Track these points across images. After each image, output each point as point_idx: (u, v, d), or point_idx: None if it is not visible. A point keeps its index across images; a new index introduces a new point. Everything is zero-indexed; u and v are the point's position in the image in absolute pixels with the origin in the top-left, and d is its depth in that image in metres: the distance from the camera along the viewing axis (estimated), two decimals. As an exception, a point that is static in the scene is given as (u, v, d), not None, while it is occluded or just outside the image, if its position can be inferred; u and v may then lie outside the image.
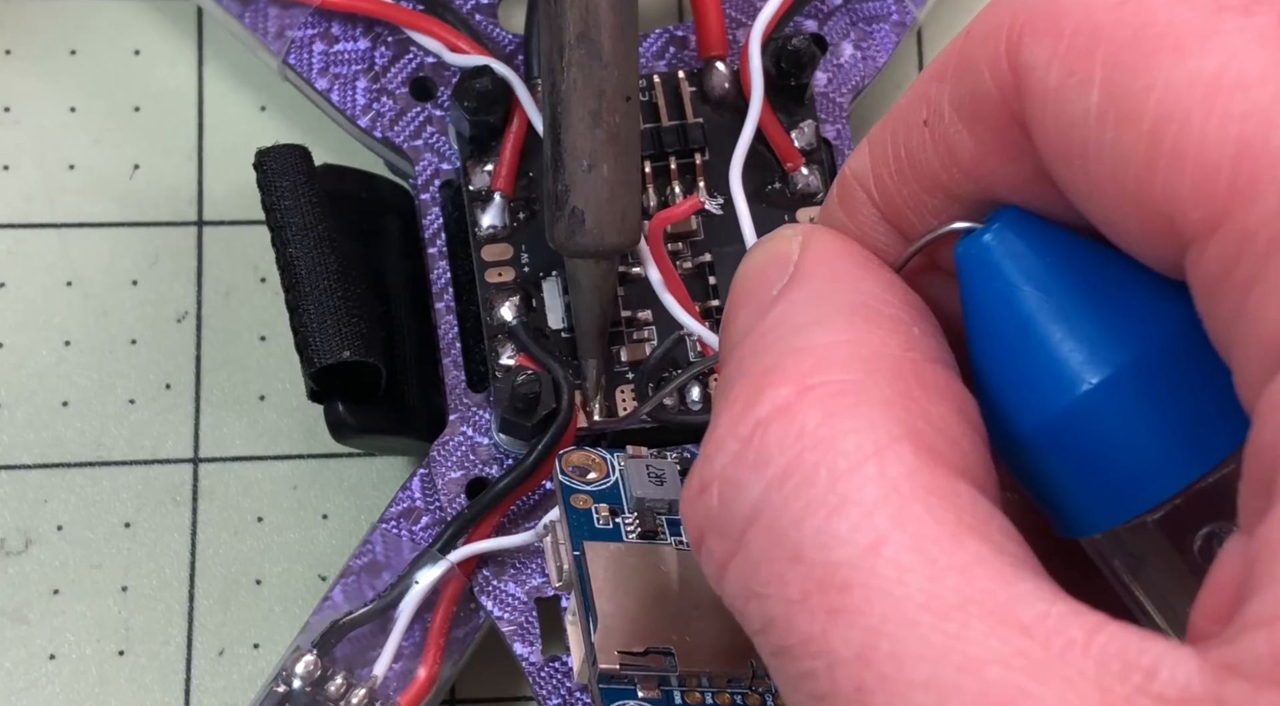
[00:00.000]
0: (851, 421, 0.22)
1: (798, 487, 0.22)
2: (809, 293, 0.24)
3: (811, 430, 0.22)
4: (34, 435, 0.41)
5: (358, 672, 0.37)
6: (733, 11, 0.42)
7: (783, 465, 0.22)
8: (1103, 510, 0.23)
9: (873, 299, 0.24)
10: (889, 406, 0.22)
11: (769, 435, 0.22)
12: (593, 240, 0.37)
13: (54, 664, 0.40)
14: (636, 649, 0.32)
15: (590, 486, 0.35)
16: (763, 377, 0.23)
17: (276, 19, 0.42)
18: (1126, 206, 0.21)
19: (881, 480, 0.21)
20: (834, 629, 0.21)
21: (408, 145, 0.41)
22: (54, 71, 0.44)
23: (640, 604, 0.33)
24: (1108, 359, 0.22)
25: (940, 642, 0.20)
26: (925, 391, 0.23)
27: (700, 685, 0.32)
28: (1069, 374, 0.23)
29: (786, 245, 0.25)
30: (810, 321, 0.23)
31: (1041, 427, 0.23)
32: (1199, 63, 0.21)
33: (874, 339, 0.23)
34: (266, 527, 0.41)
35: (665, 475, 0.35)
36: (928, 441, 0.22)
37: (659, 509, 0.35)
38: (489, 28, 0.42)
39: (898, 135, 0.25)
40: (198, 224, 0.43)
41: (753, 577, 0.22)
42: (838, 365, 0.22)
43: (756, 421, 0.22)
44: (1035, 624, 0.20)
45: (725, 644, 0.32)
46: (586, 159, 0.37)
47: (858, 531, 0.21)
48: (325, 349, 0.38)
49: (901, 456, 0.22)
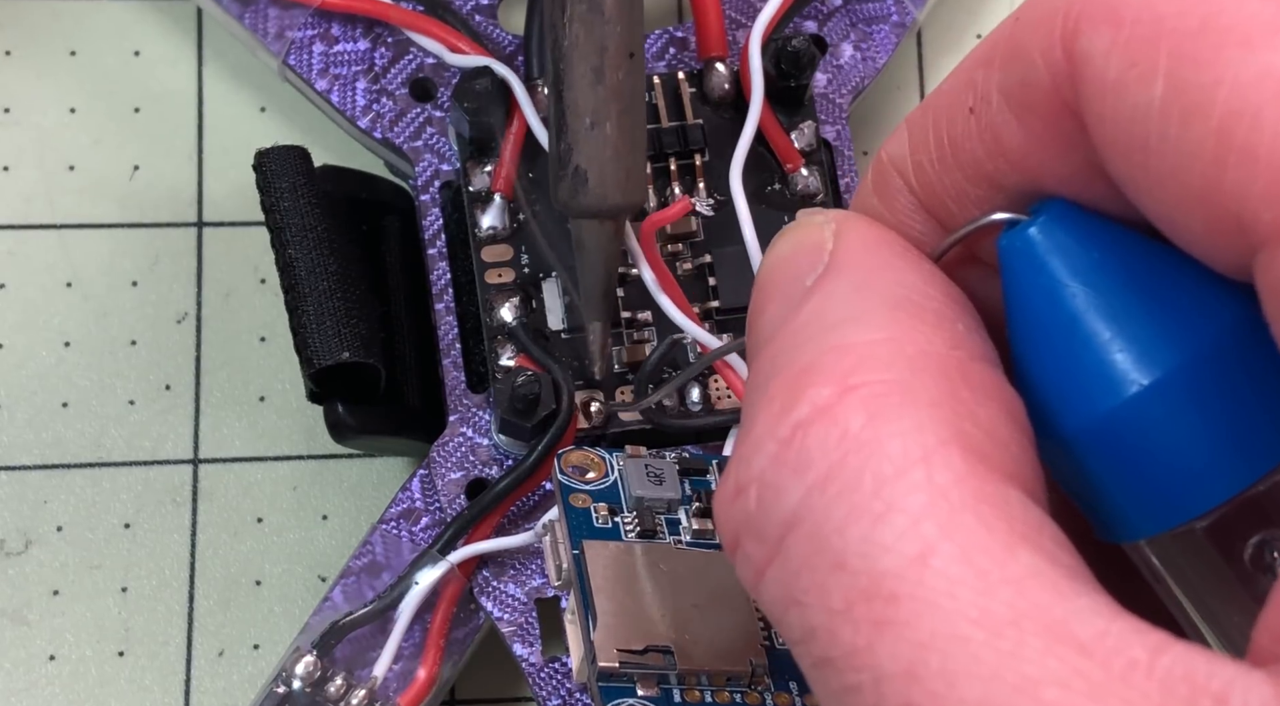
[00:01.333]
0: (897, 424, 0.21)
1: (841, 493, 0.21)
2: (846, 285, 0.23)
3: (855, 433, 0.21)
4: (34, 436, 0.41)
5: (357, 673, 0.37)
6: (732, 12, 0.42)
7: (825, 469, 0.21)
8: (1148, 516, 0.22)
9: (914, 293, 0.23)
10: (935, 408, 0.21)
11: (810, 437, 0.21)
12: (596, 200, 0.36)
13: (54, 664, 0.40)
14: (636, 647, 0.32)
15: (589, 486, 0.35)
16: (801, 377, 0.22)
17: (276, 20, 0.42)
18: (1191, 205, 0.21)
19: (929, 487, 0.20)
20: (880, 642, 0.20)
21: (408, 146, 0.41)
22: (54, 72, 0.44)
23: (639, 602, 0.33)
24: (1158, 360, 0.22)
25: (993, 660, 0.19)
26: (972, 392, 0.22)
27: (699, 683, 0.32)
28: (1117, 375, 0.22)
29: (818, 233, 0.24)
30: (849, 317, 0.22)
31: (1088, 429, 0.22)
32: (1270, 58, 0.20)
33: (918, 336, 0.22)
34: (266, 528, 0.41)
35: (664, 475, 0.35)
36: (976, 445, 0.21)
37: (658, 508, 0.35)
38: (489, 28, 0.42)
39: (940, 121, 0.24)
40: (198, 225, 0.43)
41: (793, 585, 0.21)
42: (881, 364, 0.22)
43: (796, 423, 0.21)
44: (1094, 642, 0.19)
45: (724, 642, 0.32)
46: (589, 117, 0.36)
47: (904, 540, 0.20)
48: (325, 350, 0.38)
49: (950, 461, 0.21)
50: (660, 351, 0.39)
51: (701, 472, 0.36)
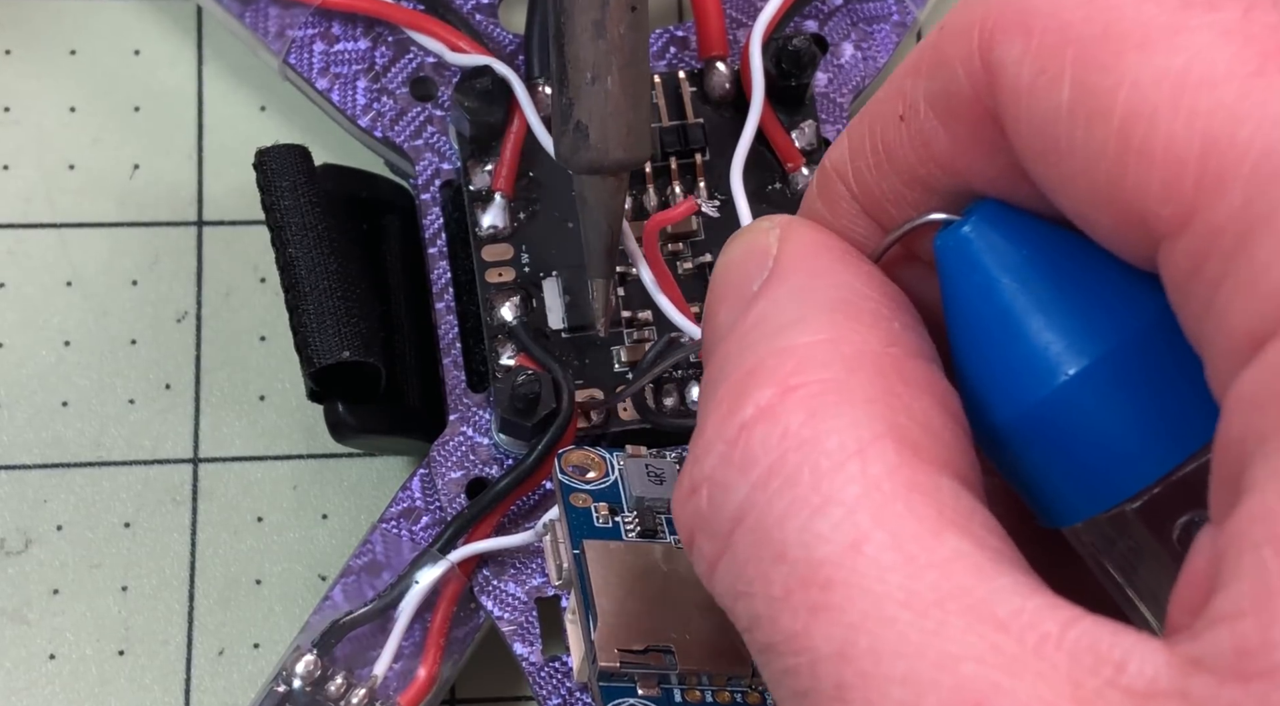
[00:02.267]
0: (833, 421, 0.22)
1: (782, 488, 0.22)
2: (789, 289, 0.24)
3: (795, 431, 0.22)
4: (34, 435, 0.41)
5: (358, 672, 0.37)
6: (733, 11, 0.42)
7: (767, 466, 0.22)
8: (1083, 499, 0.23)
9: (853, 294, 0.24)
10: (871, 404, 0.22)
11: (753, 437, 0.22)
12: (597, 156, 0.35)
13: (54, 664, 0.40)
14: (636, 647, 0.32)
15: (589, 485, 0.35)
16: (746, 379, 0.23)
17: (277, 19, 0.42)
18: (1099, 202, 0.22)
19: (863, 478, 0.22)
20: (815, 626, 0.21)
21: (408, 145, 0.41)
22: (54, 71, 0.44)
23: (640, 602, 0.33)
24: (1085, 349, 0.23)
25: (917, 639, 0.20)
26: (907, 387, 0.23)
27: (700, 683, 0.32)
28: (1047, 364, 0.23)
29: (764, 238, 0.25)
30: (791, 320, 0.23)
31: (1021, 418, 0.23)
32: (1166, 59, 0.21)
33: (855, 336, 0.23)
34: (266, 527, 0.41)
35: (664, 474, 0.35)
36: (910, 437, 0.22)
37: (658, 508, 0.35)
38: (489, 27, 0.42)
39: (875, 128, 0.25)
40: (197, 224, 0.43)
41: (739, 576, 0.22)
42: (819, 364, 0.23)
43: (741, 423, 0.23)
44: (1011, 619, 0.20)
45: (725, 642, 0.32)
46: (590, 71, 0.35)
47: (839, 530, 0.21)
48: (325, 349, 0.38)
49: (883, 454, 0.22)
50: (657, 350, 0.39)
51: None
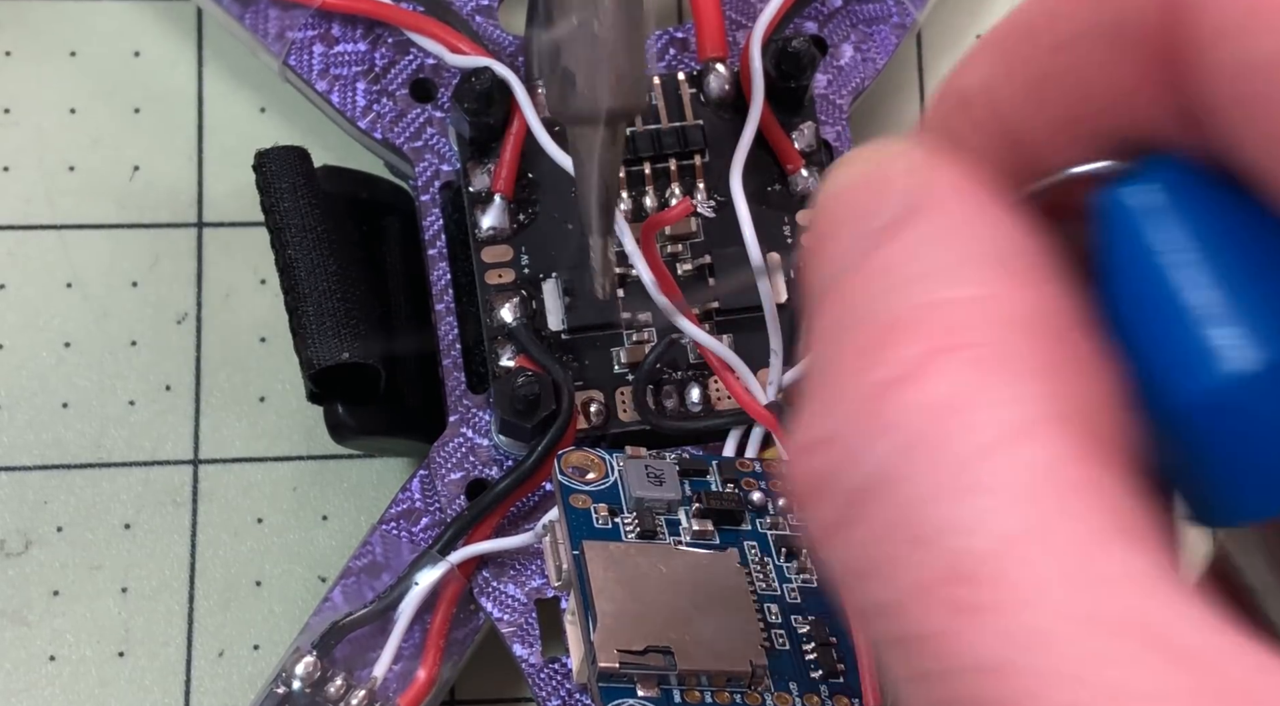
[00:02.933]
0: (992, 393, 0.19)
1: (926, 463, 0.19)
2: (932, 232, 0.21)
3: (944, 399, 0.19)
4: (34, 436, 0.41)
5: (357, 674, 0.37)
6: (732, 13, 0.42)
7: (910, 435, 0.19)
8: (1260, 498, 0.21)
9: (1010, 246, 0.21)
10: (1035, 379, 0.19)
11: (895, 399, 0.19)
12: (585, 104, 0.34)
13: (54, 665, 0.40)
14: (636, 647, 0.32)
15: (589, 486, 0.35)
16: (888, 332, 0.20)
17: (277, 20, 0.42)
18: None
19: (1024, 466, 0.19)
20: (957, 630, 0.18)
21: (408, 147, 0.41)
22: (54, 73, 0.44)
23: (639, 603, 0.33)
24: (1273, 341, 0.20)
25: (1081, 666, 0.18)
26: (1073, 363, 0.20)
27: (699, 684, 0.32)
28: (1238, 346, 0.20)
29: (892, 166, 0.22)
30: (938, 268, 0.20)
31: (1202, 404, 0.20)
32: None
33: (1015, 296, 0.20)
34: (266, 529, 0.41)
35: (664, 475, 0.35)
36: (1076, 423, 0.19)
37: (658, 509, 0.35)
38: (489, 29, 0.42)
39: (1022, 54, 0.22)
40: (198, 225, 0.43)
41: (867, 554, 0.20)
42: (976, 325, 0.20)
43: (882, 381, 0.20)
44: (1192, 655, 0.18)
45: (725, 643, 0.32)
46: (576, 14, 0.33)
47: (993, 521, 0.19)
48: (325, 350, 0.38)
49: (1049, 439, 0.19)
50: (658, 351, 0.39)
51: (701, 474, 0.36)
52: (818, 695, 0.33)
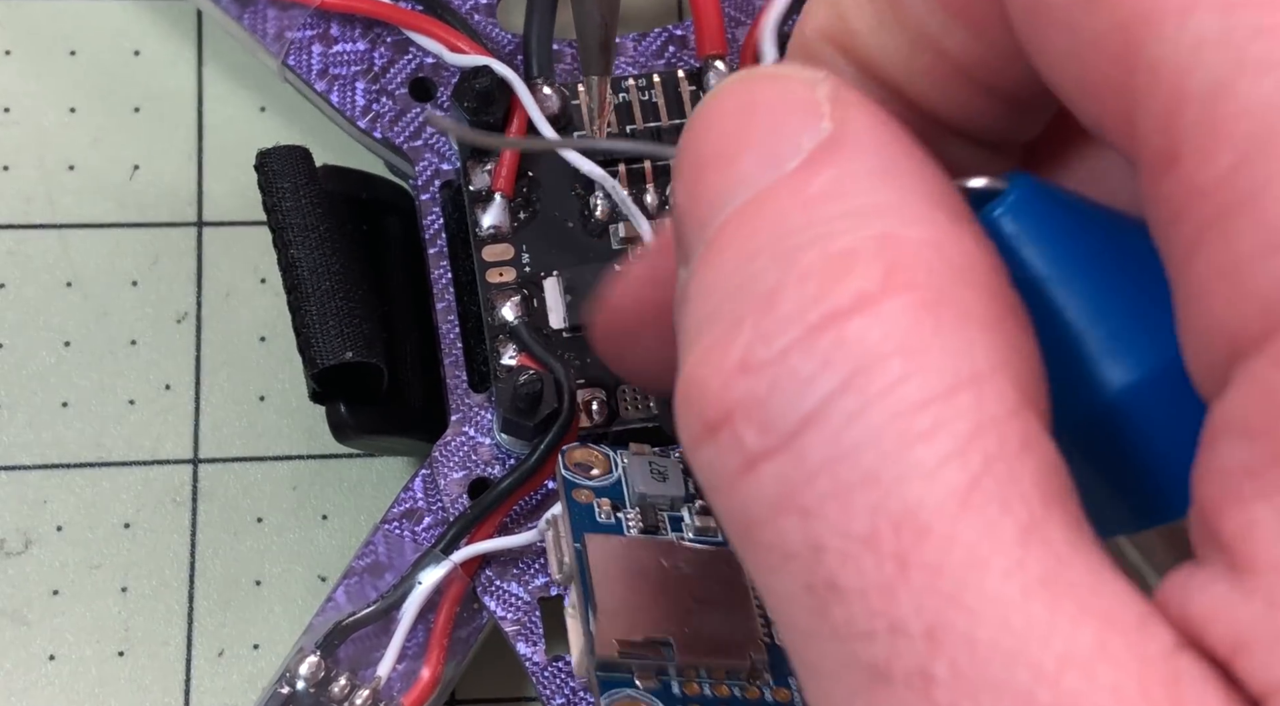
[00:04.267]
0: (949, 338, 0.19)
1: (879, 398, 0.18)
2: (866, 165, 0.20)
3: (899, 335, 0.18)
4: (34, 436, 0.41)
5: (361, 673, 0.37)
6: (732, 10, 0.42)
7: (863, 367, 0.18)
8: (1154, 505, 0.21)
9: (948, 194, 0.20)
10: (986, 330, 0.19)
11: (848, 328, 0.19)
12: None
13: (53, 664, 0.40)
14: (635, 638, 0.32)
15: (592, 482, 0.35)
16: (843, 259, 0.19)
17: (275, 20, 0.42)
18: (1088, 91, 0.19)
19: (979, 413, 0.18)
20: (903, 584, 0.18)
21: (407, 146, 0.41)
22: (54, 72, 0.44)
23: (640, 596, 0.33)
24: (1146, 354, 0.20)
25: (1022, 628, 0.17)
26: (1014, 320, 0.19)
27: (699, 676, 0.32)
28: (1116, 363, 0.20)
29: (808, 91, 0.21)
30: (882, 203, 0.20)
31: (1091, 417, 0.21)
32: None
33: (965, 244, 0.19)
34: (266, 528, 0.41)
35: (668, 472, 0.35)
36: (1023, 380, 0.19)
37: (661, 505, 0.35)
38: (488, 28, 0.42)
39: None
40: (198, 224, 0.43)
41: (803, 490, 0.18)
42: (929, 266, 0.19)
43: (834, 309, 0.19)
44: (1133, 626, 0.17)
45: (725, 637, 0.32)
46: None
47: (947, 469, 0.18)
48: (328, 350, 0.38)
49: (1002, 392, 0.18)
50: None
51: None
52: None
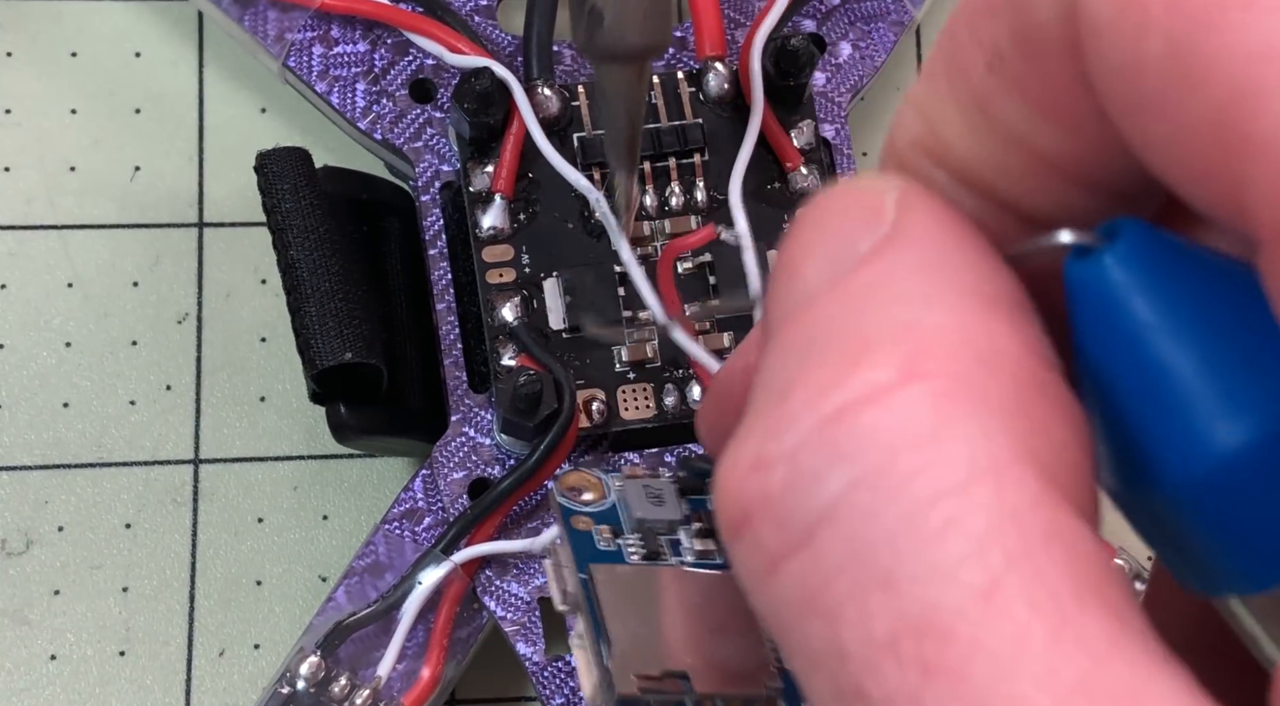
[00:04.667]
0: (964, 427, 0.18)
1: (893, 495, 0.18)
2: (912, 260, 0.20)
3: (914, 427, 0.18)
4: (35, 436, 0.42)
5: (361, 673, 0.37)
6: (731, 11, 0.42)
7: (876, 462, 0.18)
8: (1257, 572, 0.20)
9: (989, 283, 0.19)
10: (1007, 417, 0.18)
11: (861, 422, 0.18)
12: (613, 41, 0.34)
13: (55, 664, 0.40)
14: (653, 672, 0.32)
15: (589, 508, 0.34)
16: (858, 351, 0.19)
17: (276, 22, 0.42)
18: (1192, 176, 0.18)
19: (998, 508, 0.17)
20: (929, 693, 0.17)
21: (408, 147, 0.41)
22: (55, 73, 0.44)
23: (651, 627, 0.32)
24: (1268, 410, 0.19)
25: None
26: (1046, 405, 0.19)
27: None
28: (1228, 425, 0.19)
29: (878, 197, 0.20)
30: (917, 295, 0.19)
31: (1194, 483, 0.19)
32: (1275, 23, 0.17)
33: (992, 330, 0.19)
34: (267, 528, 0.42)
35: (664, 495, 0.35)
36: (1048, 467, 0.18)
37: (659, 529, 0.34)
38: (488, 29, 0.42)
39: (959, 84, 0.21)
40: (198, 225, 0.43)
41: (823, 592, 0.18)
42: (949, 354, 0.18)
43: (847, 403, 0.18)
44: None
45: (737, 666, 0.32)
46: None
47: (967, 568, 0.17)
48: (328, 350, 0.38)
49: (1022, 482, 0.18)
50: None
51: (700, 492, 0.36)
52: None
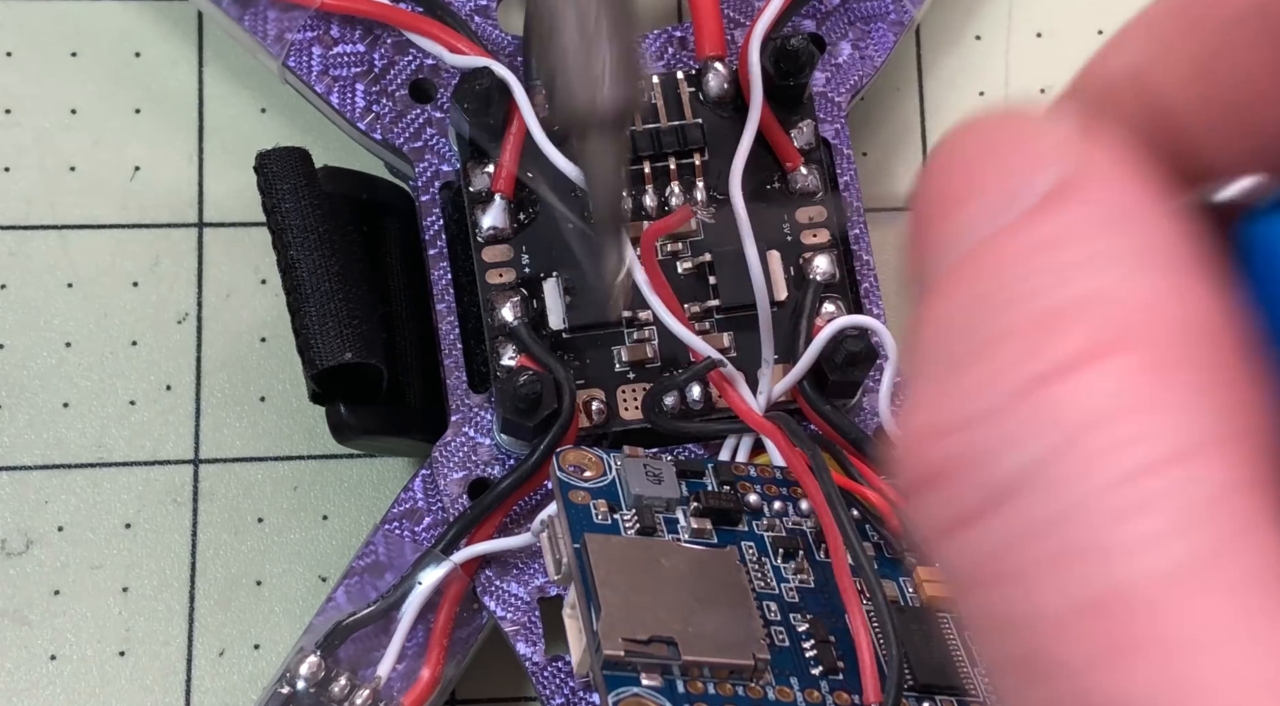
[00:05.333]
0: (1160, 405, 0.17)
1: (1084, 470, 0.17)
2: (1099, 214, 0.18)
3: (1109, 404, 0.17)
4: (35, 436, 0.42)
5: (361, 673, 0.37)
6: (731, 11, 0.42)
7: (1067, 436, 0.17)
8: None
9: (1180, 246, 0.18)
10: (1205, 394, 0.17)
11: (1058, 394, 0.17)
12: (564, 112, 0.34)
13: (55, 664, 0.40)
14: (640, 637, 0.32)
15: (587, 484, 0.35)
16: (1050, 319, 0.18)
17: (276, 22, 0.42)
18: None
19: (1193, 490, 0.17)
20: (1108, 672, 0.16)
21: (407, 147, 0.41)
22: (55, 73, 0.44)
23: (642, 594, 0.33)
24: None
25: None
26: (1241, 383, 0.18)
27: (702, 675, 0.32)
28: None
29: (1045, 136, 0.19)
30: (1107, 258, 0.18)
31: None
32: None
33: (1189, 301, 0.18)
34: (267, 528, 0.42)
35: (663, 474, 0.35)
36: (1253, 451, 0.17)
37: (657, 507, 0.35)
38: (487, 29, 0.42)
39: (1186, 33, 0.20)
40: (198, 225, 0.43)
41: (998, 558, 0.18)
42: (1147, 328, 0.17)
43: (1040, 373, 0.17)
44: None
45: (727, 636, 0.32)
46: (546, 22, 0.33)
47: (1161, 549, 0.17)
48: (327, 351, 0.38)
49: (1220, 463, 0.17)
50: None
51: (698, 475, 0.36)
52: (818, 690, 0.33)
